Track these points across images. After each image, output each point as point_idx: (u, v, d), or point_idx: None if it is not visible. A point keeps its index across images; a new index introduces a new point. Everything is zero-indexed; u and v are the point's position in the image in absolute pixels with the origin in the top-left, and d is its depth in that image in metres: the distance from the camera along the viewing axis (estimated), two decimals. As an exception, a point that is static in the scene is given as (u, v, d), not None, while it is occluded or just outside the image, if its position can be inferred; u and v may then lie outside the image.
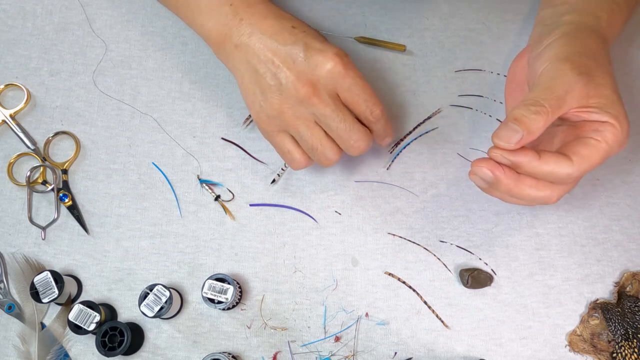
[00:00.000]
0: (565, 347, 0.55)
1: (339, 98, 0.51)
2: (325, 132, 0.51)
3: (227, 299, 0.53)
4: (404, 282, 0.57)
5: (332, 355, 0.55)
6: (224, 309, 0.55)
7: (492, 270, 0.57)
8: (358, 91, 0.50)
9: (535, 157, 0.44)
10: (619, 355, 0.54)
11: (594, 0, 0.53)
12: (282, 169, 0.60)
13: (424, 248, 0.58)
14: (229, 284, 0.53)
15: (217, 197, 0.60)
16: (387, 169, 0.61)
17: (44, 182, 0.61)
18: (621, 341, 0.54)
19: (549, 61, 0.47)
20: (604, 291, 0.57)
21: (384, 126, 0.53)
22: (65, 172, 0.61)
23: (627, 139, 0.46)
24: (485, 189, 0.48)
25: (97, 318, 0.53)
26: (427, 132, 0.62)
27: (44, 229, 0.59)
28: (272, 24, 0.51)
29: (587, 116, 0.45)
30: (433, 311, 0.56)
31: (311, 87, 0.49)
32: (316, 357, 0.55)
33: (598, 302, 0.56)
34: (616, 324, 0.54)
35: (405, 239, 0.59)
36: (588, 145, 0.44)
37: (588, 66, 0.46)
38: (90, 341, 0.55)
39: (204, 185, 0.61)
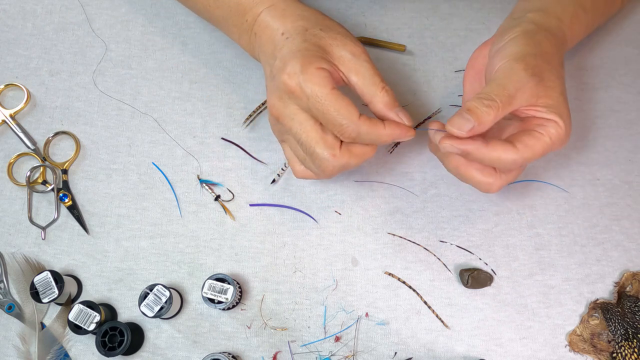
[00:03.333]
0: (565, 347, 0.55)
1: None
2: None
3: (227, 299, 0.53)
4: (404, 282, 0.57)
5: (332, 355, 0.55)
6: (224, 309, 0.55)
7: (492, 270, 0.57)
8: (319, 112, 0.48)
9: (483, 145, 0.47)
10: (619, 355, 0.54)
11: (560, 1, 0.55)
12: (282, 169, 0.60)
13: (424, 248, 0.58)
14: (229, 284, 0.53)
15: (217, 197, 0.60)
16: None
17: (44, 182, 0.61)
18: (621, 341, 0.54)
19: (506, 59, 0.49)
20: (604, 291, 0.57)
21: (374, 140, 0.50)
22: (65, 172, 0.61)
23: (568, 138, 0.49)
24: (440, 157, 0.52)
25: (97, 318, 0.53)
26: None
27: (44, 229, 0.59)
28: (268, 36, 0.52)
29: (535, 114, 0.49)
30: (433, 311, 0.56)
31: (280, 103, 0.50)
32: (316, 357, 0.55)
33: (598, 302, 0.56)
34: (616, 324, 0.54)
35: (405, 239, 0.59)
36: (533, 136, 0.48)
37: (540, 68, 0.49)
38: (90, 341, 0.55)
39: (204, 185, 0.61)
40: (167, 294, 0.53)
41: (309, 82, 0.47)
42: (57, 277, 0.54)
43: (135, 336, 0.54)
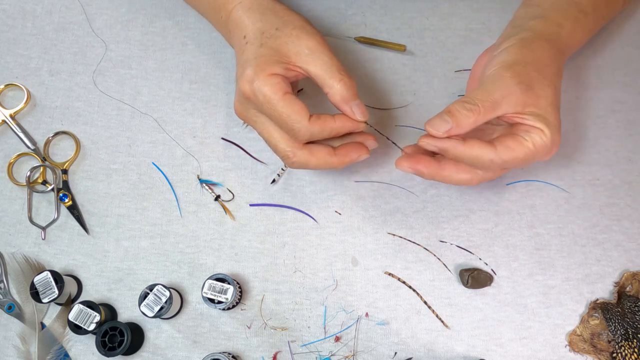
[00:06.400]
0: (565, 347, 0.55)
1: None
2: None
3: (227, 299, 0.53)
4: (404, 282, 0.57)
5: (332, 355, 0.55)
6: (224, 309, 0.55)
7: (492, 270, 0.57)
8: (272, 117, 0.50)
9: (460, 143, 0.48)
10: (619, 355, 0.54)
11: (561, 7, 0.56)
12: (282, 169, 0.60)
13: (424, 248, 0.58)
14: (229, 284, 0.53)
15: (217, 197, 0.60)
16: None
17: (44, 182, 0.61)
18: (621, 341, 0.54)
19: (497, 66, 0.50)
20: (604, 291, 0.57)
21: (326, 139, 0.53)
22: (65, 172, 0.61)
23: (556, 148, 0.50)
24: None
25: (97, 318, 0.53)
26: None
27: (44, 229, 0.59)
28: (236, 36, 0.54)
29: (522, 121, 0.49)
30: (433, 311, 0.56)
31: (241, 107, 0.53)
32: (316, 357, 0.55)
33: (598, 302, 0.56)
34: (616, 324, 0.54)
35: (405, 239, 0.59)
36: (515, 140, 0.48)
37: (530, 77, 0.49)
38: (90, 341, 0.55)
39: (204, 185, 0.61)
40: (167, 294, 0.53)
41: (261, 88, 0.49)
42: (57, 277, 0.54)
43: (135, 336, 0.54)
